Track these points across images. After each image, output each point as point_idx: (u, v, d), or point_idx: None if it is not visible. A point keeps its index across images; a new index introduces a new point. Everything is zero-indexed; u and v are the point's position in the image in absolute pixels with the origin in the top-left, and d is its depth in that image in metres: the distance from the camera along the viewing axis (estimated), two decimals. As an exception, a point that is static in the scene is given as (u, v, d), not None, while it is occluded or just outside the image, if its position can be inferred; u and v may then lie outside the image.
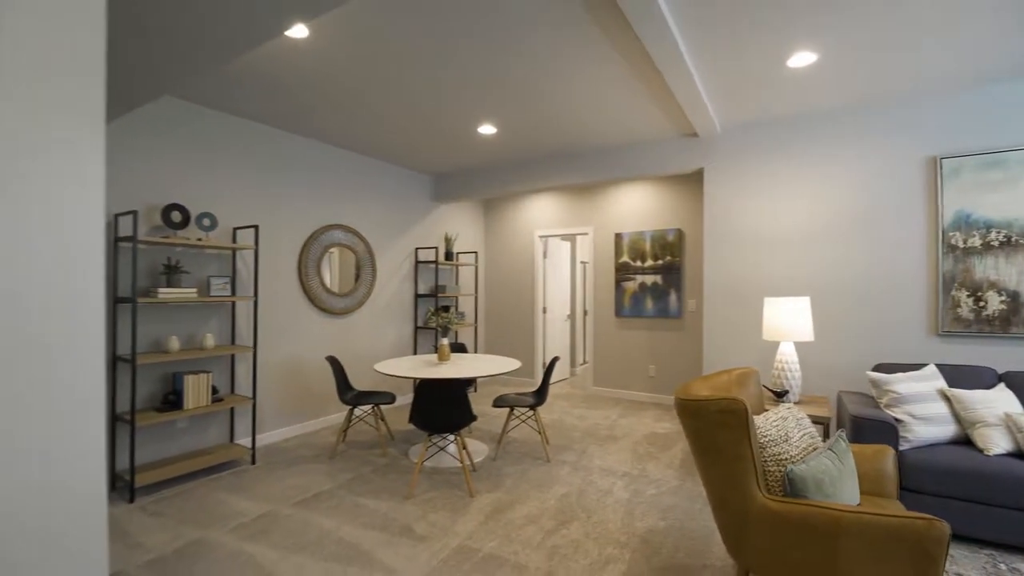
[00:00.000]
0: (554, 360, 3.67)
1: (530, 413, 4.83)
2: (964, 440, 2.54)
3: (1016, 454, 2.35)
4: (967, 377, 2.82)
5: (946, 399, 2.62)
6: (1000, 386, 2.65)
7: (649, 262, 5.39)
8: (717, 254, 4.04)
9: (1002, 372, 2.98)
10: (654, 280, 5.36)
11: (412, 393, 5.47)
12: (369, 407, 5.00)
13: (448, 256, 5.71)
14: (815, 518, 1.58)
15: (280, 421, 4.08)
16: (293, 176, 4.18)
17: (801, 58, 2.76)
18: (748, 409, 1.69)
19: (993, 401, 2.49)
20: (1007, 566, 2.14)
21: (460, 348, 4.61)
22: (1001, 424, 2.41)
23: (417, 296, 5.51)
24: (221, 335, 3.64)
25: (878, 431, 2.47)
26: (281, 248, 4.10)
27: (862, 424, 2.52)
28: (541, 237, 6.28)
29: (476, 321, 6.08)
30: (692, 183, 5.18)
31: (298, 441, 4.02)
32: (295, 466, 3.44)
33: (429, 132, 4.14)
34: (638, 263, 5.46)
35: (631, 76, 3.04)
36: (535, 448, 3.82)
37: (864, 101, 3.38)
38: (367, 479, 3.19)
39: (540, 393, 3.65)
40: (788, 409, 2.04)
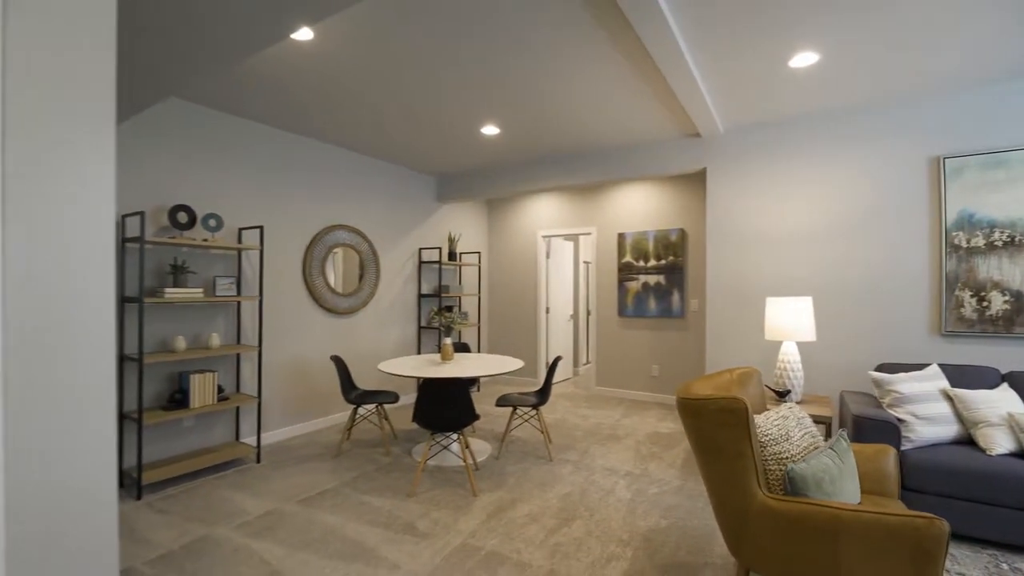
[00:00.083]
0: (557, 360, 3.69)
1: (533, 413, 4.84)
2: (967, 440, 2.53)
3: (1019, 454, 2.34)
4: (970, 377, 2.81)
5: (949, 399, 2.61)
6: (1003, 386, 2.64)
7: (652, 262, 5.39)
8: (720, 254, 4.04)
9: (1005, 372, 2.98)
10: (657, 280, 5.36)
11: (415, 392, 5.50)
12: (373, 406, 5.03)
13: (451, 256, 5.73)
14: (815, 516, 1.59)
15: (285, 420, 4.12)
16: (298, 177, 4.21)
17: (803, 58, 2.77)
18: (748, 408, 1.70)
19: (996, 401, 2.49)
20: (1009, 566, 2.14)
21: (463, 348, 4.63)
22: (1004, 424, 2.41)
23: (420, 296, 5.54)
24: (227, 335, 3.67)
25: (880, 431, 2.48)
26: (286, 248, 4.13)
27: (864, 424, 2.52)
28: (544, 237, 6.29)
29: (479, 321, 6.10)
30: (695, 183, 5.18)
31: (303, 440, 4.05)
32: (300, 464, 3.47)
33: (432, 133, 4.16)
34: (641, 263, 5.46)
35: (633, 76, 3.05)
36: (538, 447, 3.83)
37: (866, 101, 3.38)
38: (371, 477, 3.22)
39: (543, 393, 3.66)
40: (789, 408, 2.05)
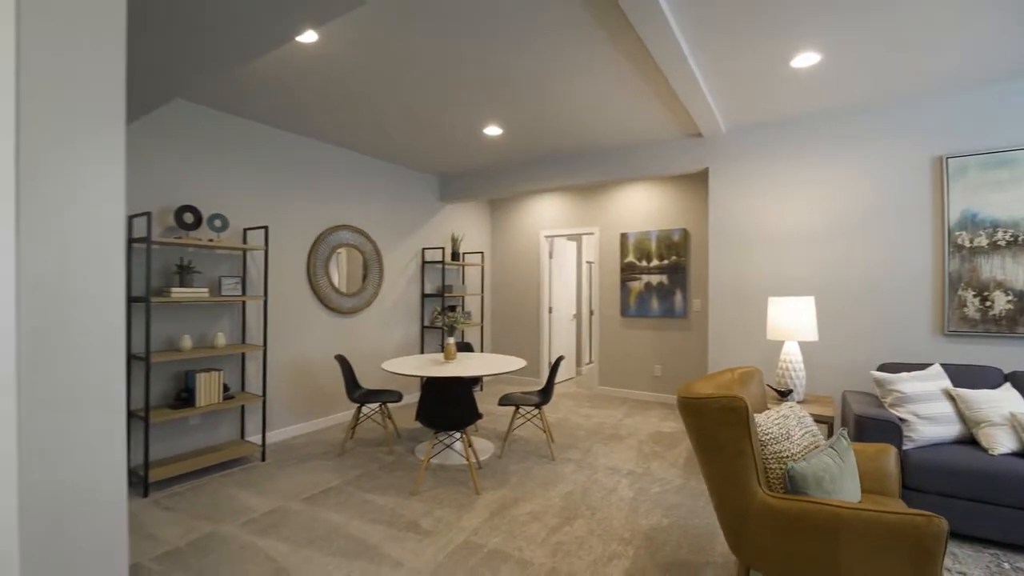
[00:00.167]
0: (559, 359, 3.70)
1: (535, 412, 4.86)
2: (969, 440, 2.53)
3: (1021, 454, 2.35)
4: (973, 377, 2.81)
5: (951, 399, 2.62)
6: (1006, 386, 2.64)
7: (655, 262, 5.40)
8: (722, 254, 4.05)
9: (1008, 372, 2.97)
10: (659, 280, 5.37)
11: (419, 391, 5.52)
12: (377, 405, 5.06)
13: (454, 256, 5.76)
14: (815, 514, 1.60)
15: (289, 419, 4.15)
16: (302, 177, 4.24)
17: (804, 58, 2.77)
18: (748, 407, 1.71)
19: (998, 401, 2.49)
20: (1011, 565, 2.15)
21: (466, 347, 4.65)
22: (1006, 424, 2.41)
23: (424, 296, 5.56)
24: (232, 334, 3.71)
25: (882, 430, 2.48)
26: (290, 248, 4.16)
27: (866, 423, 2.53)
28: (547, 237, 6.31)
29: (482, 320, 6.12)
30: (697, 183, 5.19)
31: (307, 438, 4.08)
32: (304, 463, 3.50)
33: (435, 133, 4.19)
34: (643, 263, 5.47)
35: (634, 76, 3.06)
36: (540, 446, 3.85)
37: (867, 101, 3.38)
38: (374, 476, 3.25)
39: (545, 392, 3.68)
40: (790, 407, 2.06)
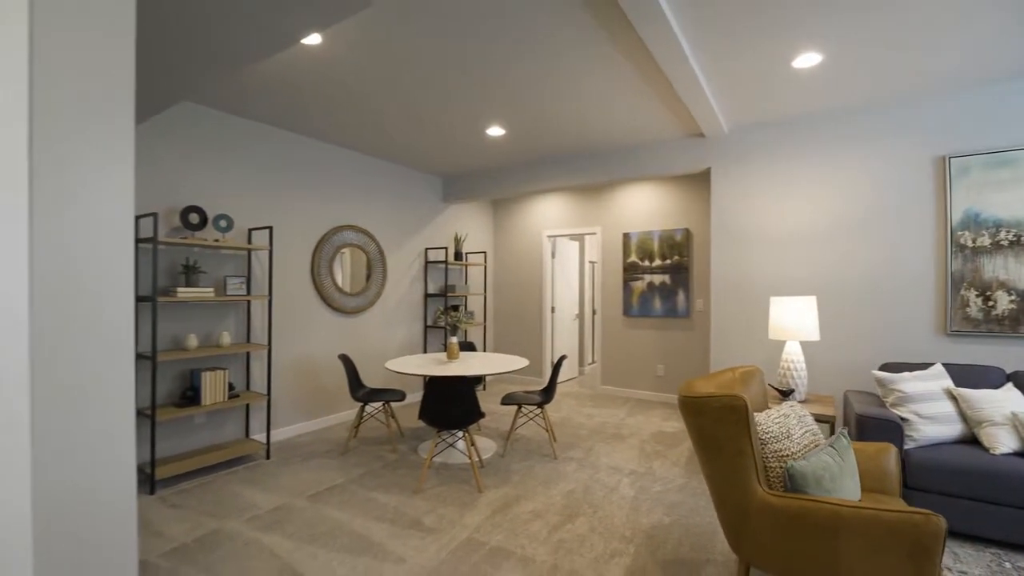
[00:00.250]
0: (562, 359, 3.72)
1: (538, 411, 4.88)
2: (970, 439, 2.54)
3: (1022, 453, 2.35)
4: (975, 376, 2.81)
5: (952, 398, 2.62)
6: (1008, 386, 2.64)
7: (657, 262, 5.40)
8: (724, 254, 4.05)
9: (1010, 372, 2.96)
10: (662, 280, 5.37)
11: (422, 390, 5.55)
12: (380, 404, 5.09)
13: (457, 256, 5.78)
14: (815, 513, 1.61)
15: (294, 417, 4.18)
16: (306, 178, 4.28)
17: (806, 59, 2.78)
18: (748, 406, 1.73)
19: (1000, 400, 2.49)
20: (1012, 564, 2.15)
21: (469, 347, 4.67)
22: (1008, 423, 2.41)
23: (427, 295, 5.59)
24: (237, 333, 3.74)
25: (883, 430, 2.49)
26: (294, 248, 4.19)
27: (867, 423, 2.54)
28: (550, 237, 6.32)
29: (485, 320, 6.14)
30: (699, 183, 5.19)
31: (311, 437, 4.11)
32: (308, 461, 3.53)
33: (438, 134, 4.21)
34: (646, 263, 5.48)
35: (636, 77, 3.07)
36: (542, 445, 3.87)
37: (869, 101, 3.37)
38: (378, 474, 3.27)
39: (548, 391, 3.70)
40: (790, 407, 2.07)
